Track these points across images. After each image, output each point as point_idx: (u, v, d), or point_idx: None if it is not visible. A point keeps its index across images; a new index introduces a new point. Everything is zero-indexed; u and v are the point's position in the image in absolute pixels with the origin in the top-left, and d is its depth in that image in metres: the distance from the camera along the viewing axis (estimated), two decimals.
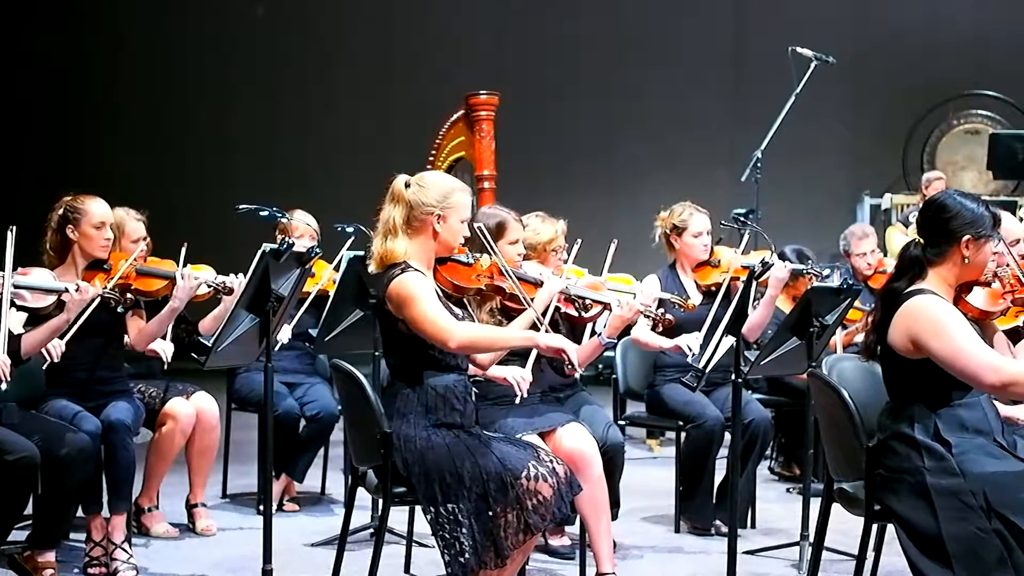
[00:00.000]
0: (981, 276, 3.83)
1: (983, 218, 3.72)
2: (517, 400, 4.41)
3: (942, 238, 3.73)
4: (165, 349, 5.36)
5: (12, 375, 4.35)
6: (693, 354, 5.21)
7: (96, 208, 5.02)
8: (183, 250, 5.23)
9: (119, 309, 5.02)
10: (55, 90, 12.45)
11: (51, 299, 4.63)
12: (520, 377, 4.37)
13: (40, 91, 12.46)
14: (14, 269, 4.52)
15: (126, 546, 4.94)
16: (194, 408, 5.52)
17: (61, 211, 5.01)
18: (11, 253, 4.51)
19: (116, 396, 5.07)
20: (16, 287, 4.49)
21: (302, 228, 5.98)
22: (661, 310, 5.04)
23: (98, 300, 4.79)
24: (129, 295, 4.99)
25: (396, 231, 3.95)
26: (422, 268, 3.95)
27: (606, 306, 4.75)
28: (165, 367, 5.46)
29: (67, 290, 4.62)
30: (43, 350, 4.71)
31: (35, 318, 4.65)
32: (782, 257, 6.57)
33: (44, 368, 4.82)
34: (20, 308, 4.53)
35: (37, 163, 12.12)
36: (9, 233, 4.51)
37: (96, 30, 12.55)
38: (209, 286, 5.24)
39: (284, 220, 5.90)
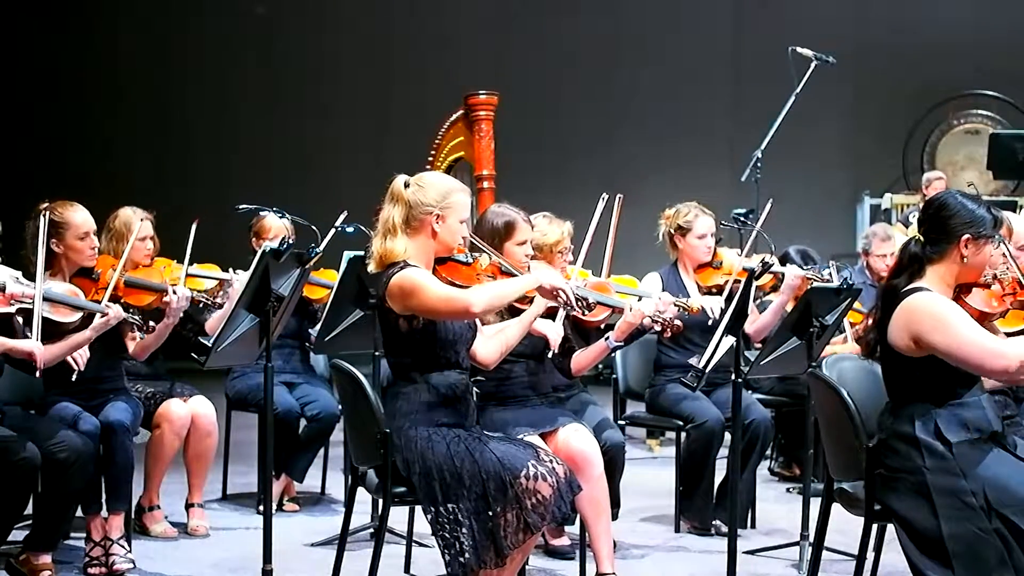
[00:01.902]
0: (980, 277, 3.83)
1: (983, 219, 3.74)
2: (550, 355, 4.43)
3: (942, 236, 3.74)
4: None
5: (40, 366, 4.35)
6: (714, 318, 5.20)
7: (78, 218, 4.90)
8: (193, 227, 5.21)
9: (141, 335, 5.00)
10: (55, 90, 12.44)
11: (76, 316, 4.61)
12: (557, 333, 4.51)
13: (40, 91, 12.46)
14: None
15: (123, 542, 4.96)
16: (189, 411, 5.52)
17: (40, 222, 4.78)
18: (43, 255, 4.50)
19: (114, 395, 5.08)
20: (45, 298, 4.46)
21: (276, 228, 5.98)
22: (670, 315, 5.04)
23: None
24: (152, 322, 4.96)
25: (395, 231, 3.95)
26: (421, 267, 3.95)
27: (614, 310, 4.74)
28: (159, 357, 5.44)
29: (108, 312, 4.61)
30: (70, 360, 4.69)
31: (48, 330, 4.60)
32: (785, 257, 6.58)
33: (73, 380, 4.77)
34: (43, 320, 4.48)
35: (37, 164, 12.11)
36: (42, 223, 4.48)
37: (96, 30, 12.55)
38: (199, 302, 5.23)
39: (284, 218, 5.90)
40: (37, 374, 4.34)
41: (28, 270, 4.74)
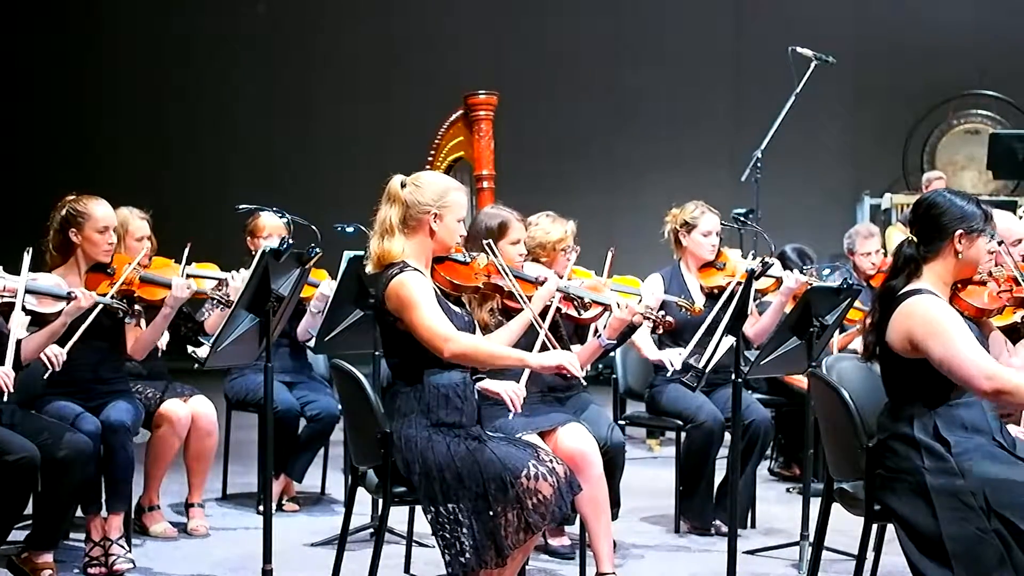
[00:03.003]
0: (976, 273, 3.83)
1: (974, 213, 3.75)
2: (510, 416, 4.38)
3: (935, 234, 3.74)
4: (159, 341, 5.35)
5: (16, 383, 4.35)
6: (675, 370, 5.23)
7: (99, 211, 4.96)
8: (187, 249, 5.22)
9: (127, 319, 4.99)
10: (55, 90, 12.45)
11: (60, 306, 4.61)
12: (514, 392, 4.28)
13: (40, 91, 12.47)
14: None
15: (122, 542, 4.95)
16: (190, 411, 5.51)
17: (64, 212, 4.95)
18: (26, 268, 4.50)
19: (115, 396, 5.07)
20: (27, 291, 4.46)
21: (270, 228, 5.96)
22: (662, 312, 5.03)
23: (100, 307, 4.76)
24: (137, 306, 4.96)
25: (393, 231, 3.95)
26: (420, 267, 3.95)
27: (607, 307, 4.74)
28: (159, 354, 5.43)
29: (78, 296, 4.61)
30: (44, 359, 4.69)
31: (40, 322, 4.63)
32: (782, 256, 6.57)
33: (45, 377, 4.78)
34: (28, 312, 4.50)
35: (37, 163, 12.12)
36: (26, 255, 4.51)
37: (96, 30, 12.55)
38: (206, 294, 5.24)
39: (284, 218, 5.90)
40: (4, 397, 4.31)
41: (44, 259, 4.87)
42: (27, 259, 4.53)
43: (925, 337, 3.61)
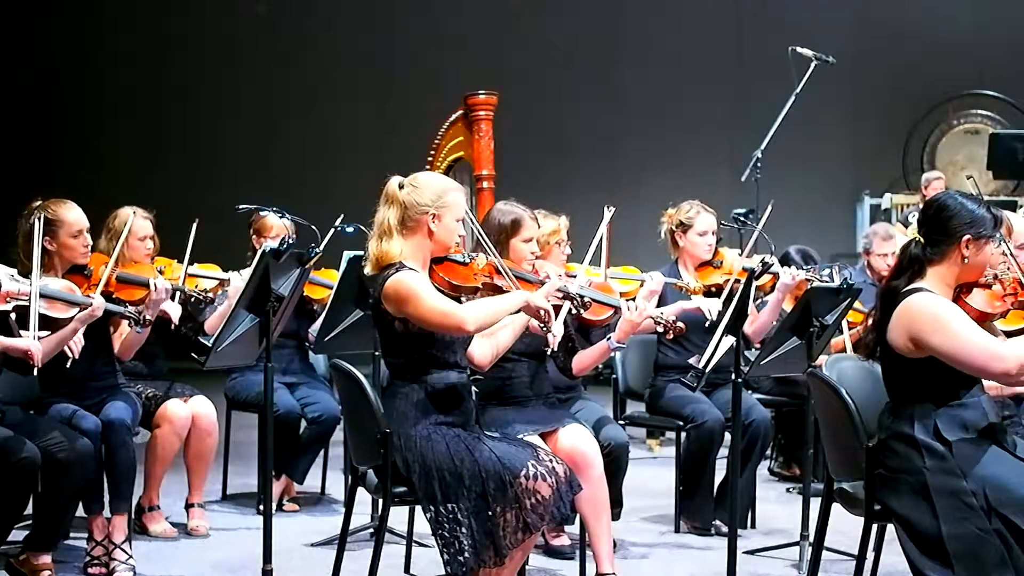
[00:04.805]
0: (981, 277, 3.83)
1: (983, 218, 3.74)
2: (550, 339, 4.29)
3: (942, 237, 3.74)
4: (171, 311, 5.29)
5: (37, 364, 4.30)
6: (712, 320, 5.21)
7: (71, 216, 4.88)
8: (194, 226, 5.20)
9: (138, 329, 4.95)
10: (55, 90, 12.45)
11: (73, 311, 4.58)
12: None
13: (40, 90, 12.46)
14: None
15: (126, 546, 4.93)
16: (190, 411, 5.51)
17: (33, 221, 4.75)
18: (38, 252, 4.48)
19: (112, 393, 5.07)
20: (41, 295, 4.45)
21: (276, 227, 5.96)
22: (673, 317, 5.03)
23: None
24: (147, 316, 4.93)
25: (391, 232, 3.95)
26: (417, 267, 3.95)
27: (616, 310, 4.74)
28: (173, 327, 5.42)
29: (92, 303, 4.58)
30: (64, 348, 4.65)
31: (45, 326, 4.59)
32: (786, 257, 6.57)
33: (68, 366, 4.73)
34: (40, 316, 4.47)
35: (37, 163, 12.11)
36: (35, 252, 4.48)
37: (96, 29, 12.55)
38: (190, 297, 5.23)
39: (285, 219, 5.90)
40: (35, 372, 4.30)
41: (19, 267, 4.73)
42: (38, 230, 4.48)
43: (929, 333, 3.61)
